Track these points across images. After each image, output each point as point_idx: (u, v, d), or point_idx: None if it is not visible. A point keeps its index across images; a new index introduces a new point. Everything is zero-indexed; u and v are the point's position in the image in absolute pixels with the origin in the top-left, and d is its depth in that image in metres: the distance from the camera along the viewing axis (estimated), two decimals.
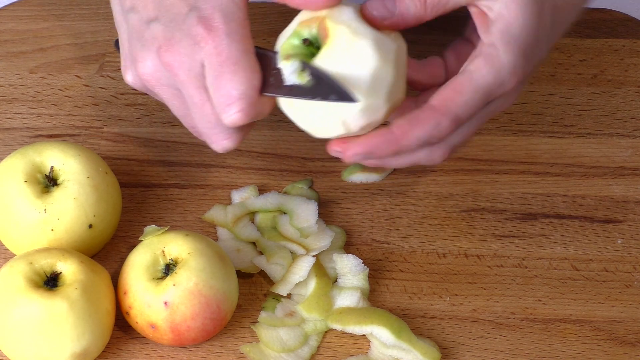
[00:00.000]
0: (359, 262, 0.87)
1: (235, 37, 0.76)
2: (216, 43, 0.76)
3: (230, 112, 0.76)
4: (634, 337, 0.85)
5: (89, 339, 0.79)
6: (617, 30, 1.04)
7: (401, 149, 0.75)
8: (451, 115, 0.75)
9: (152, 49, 0.77)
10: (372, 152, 0.76)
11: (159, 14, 0.78)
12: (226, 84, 0.76)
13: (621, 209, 0.92)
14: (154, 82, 0.78)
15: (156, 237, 0.83)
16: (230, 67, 0.75)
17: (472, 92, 0.75)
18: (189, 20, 0.76)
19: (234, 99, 0.76)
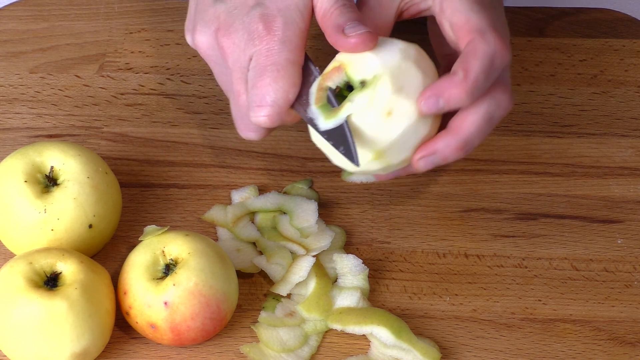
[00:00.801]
0: (359, 262, 0.87)
1: (289, 45, 0.78)
2: (269, 45, 0.78)
3: (258, 113, 0.78)
4: (634, 337, 0.85)
5: (89, 339, 0.79)
6: (617, 30, 1.04)
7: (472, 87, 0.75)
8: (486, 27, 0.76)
9: (211, 27, 0.80)
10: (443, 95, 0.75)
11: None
12: (264, 87, 0.78)
13: (621, 209, 0.92)
14: (206, 55, 0.82)
15: (156, 237, 0.83)
16: (273, 73, 0.78)
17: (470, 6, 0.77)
18: (252, 15, 0.79)
19: (265, 103, 0.78)
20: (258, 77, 0.78)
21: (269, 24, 0.78)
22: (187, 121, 0.97)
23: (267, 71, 0.78)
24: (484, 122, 0.77)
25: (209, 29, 0.81)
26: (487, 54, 0.75)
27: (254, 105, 0.78)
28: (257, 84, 0.78)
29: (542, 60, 1.02)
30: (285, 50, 0.78)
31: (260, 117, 0.78)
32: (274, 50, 0.78)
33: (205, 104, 0.98)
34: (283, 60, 0.78)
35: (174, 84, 1.00)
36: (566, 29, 1.04)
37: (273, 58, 0.78)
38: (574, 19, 1.05)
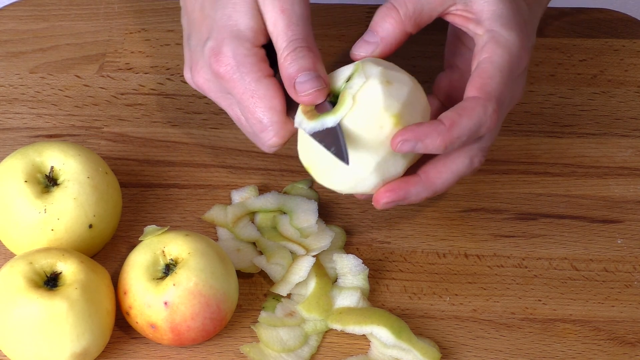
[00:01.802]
0: (359, 262, 0.87)
1: (244, 68, 0.79)
2: (229, 77, 0.80)
3: (265, 139, 0.81)
4: (634, 337, 0.85)
5: (89, 339, 0.79)
6: (617, 30, 1.04)
7: (452, 141, 0.76)
8: (494, 98, 0.77)
9: (188, 65, 0.84)
10: (423, 140, 0.76)
11: (191, 34, 0.83)
12: (253, 115, 0.80)
13: (621, 209, 0.92)
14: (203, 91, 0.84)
15: (156, 237, 0.83)
16: (250, 100, 0.80)
17: (499, 72, 0.77)
18: (205, 50, 0.81)
19: (264, 128, 0.81)
20: (244, 110, 0.81)
21: (219, 58, 0.80)
22: (187, 121, 0.97)
23: (244, 101, 0.80)
24: (455, 179, 0.80)
25: (188, 69, 0.84)
26: (479, 121, 0.77)
27: (258, 134, 0.81)
28: (247, 115, 0.81)
29: (541, 60, 1.02)
30: (244, 74, 0.80)
31: (269, 141, 0.81)
32: (235, 81, 0.80)
33: (205, 104, 0.98)
34: (248, 84, 0.80)
35: (174, 84, 1.00)
36: (566, 29, 1.04)
37: (240, 88, 0.80)
38: (573, 19, 1.05)
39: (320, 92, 0.78)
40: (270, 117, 0.80)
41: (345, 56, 1.02)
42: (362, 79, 0.78)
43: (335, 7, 1.05)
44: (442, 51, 0.88)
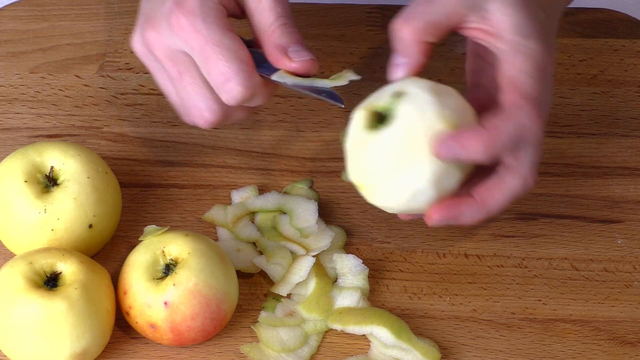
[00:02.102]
0: (359, 262, 0.87)
1: (210, 18, 0.79)
2: (192, 27, 0.78)
3: (229, 87, 0.79)
4: (634, 337, 0.85)
5: (89, 339, 0.79)
6: (617, 30, 1.04)
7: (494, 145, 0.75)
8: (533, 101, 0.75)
9: (141, 25, 0.82)
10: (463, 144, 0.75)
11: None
12: (217, 64, 0.79)
13: (621, 209, 0.92)
14: (140, 56, 0.82)
15: (156, 237, 0.83)
16: (215, 49, 0.78)
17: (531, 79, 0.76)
18: (167, 4, 0.79)
19: (229, 75, 0.79)
20: (206, 61, 0.79)
21: (185, 8, 0.79)
22: None
23: (207, 51, 0.78)
24: (509, 200, 0.77)
25: (138, 27, 0.82)
26: (521, 124, 0.75)
27: (221, 85, 0.79)
28: (209, 67, 0.79)
29: None
30: (210, 24, 0.78)
31: (233, 89, 0.79)
32: (200, 29, 0.78)
33: None
34: (214, 33, 0.78)
35: None
36: (566, 29, 1.04)
37: (203, 36, 0.78)
38: (574, 19, 1.05)
39: (314, 62, 0.80)
40: (237, 66, 0.78)
41: (345, 56, 1.02)
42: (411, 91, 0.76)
43: (335, 7, 1.05)
44: (444, 51, 0.88)
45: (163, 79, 0.83)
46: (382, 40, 1.03)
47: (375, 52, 1.02)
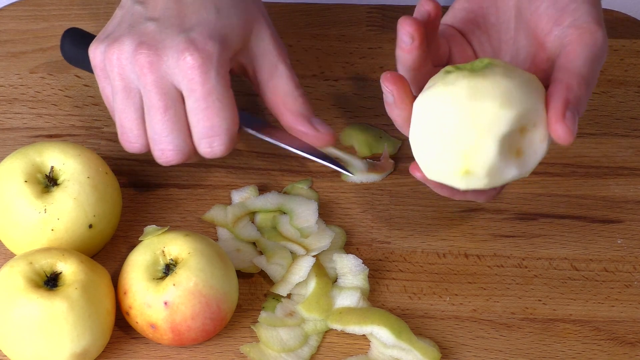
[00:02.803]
0: (359, 262, 0.87)
1: (222, 70, 0.80)
2: (205, 73, 0.79)
3: (213, 143, 0.81)
4: (634, 337, 0.85)
5: (89, 339, 0.79)
6: (617, 30, 1.04)
7: None
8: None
9: (135, 40, 0.80)
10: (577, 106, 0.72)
11: (162, 17, 0.80)
12: (211, 117, 0.80)
13: (621, 209, 0.92)
14: (117, 68, 0.81)
15: (156, 237, 0.83)
16: (216, 103, 0.80)
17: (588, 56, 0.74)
18: (180, 38, 0.80)
19: (219, 132, 0.81)
20: (200, 110, 0.80)
21: (203, 51, 0.79)
22: None
23: (208, 102, 0.80)
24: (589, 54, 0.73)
25: (132, 40, 0.80)
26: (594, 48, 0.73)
27: (205, 137, 0.81)
28: (202, 117, 0.80)
29: None
30: (221, 75, 0.80)
31: (216, 147, 0.81)
32: (211, 78, 0.79)
33: None
34: (220, 87, 0.80)
35: None
36: None
37: (211, 84, 0.79)
38: None
39: (333, 137, 0.85)
40: (228, 126, 0.81)
41: (345, 56, 1.02)
42: None
43: (335, 7, 1.05)
44: None
45: (128, 101, 0.82)
46: (382, 40, 1.03)
47: (375, 52, 1.02)
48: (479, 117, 0.71)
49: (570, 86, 0.72)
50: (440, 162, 0.73)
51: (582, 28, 0.74)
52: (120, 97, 0.82)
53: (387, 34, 1.03)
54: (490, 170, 0.72)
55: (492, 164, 0.71)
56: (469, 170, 0.72)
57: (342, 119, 0.97)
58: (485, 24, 0.80)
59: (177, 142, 0.82)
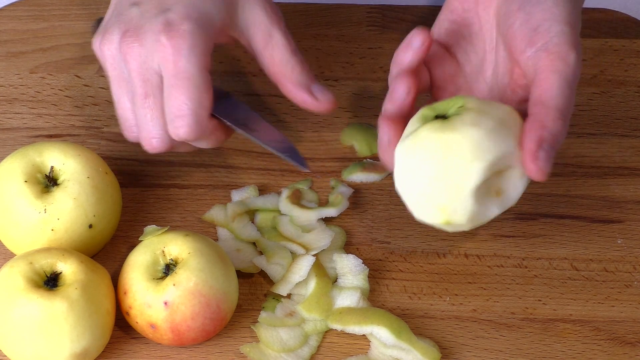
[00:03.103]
0: (359, 262, 0.87)
1: (196, 49, 0.78)
2: (177, 52, 0.78)
3: (177, 124, 0.79)
4: (634, 337, 0.85)
5: (89, 339, 0.79)
6: (617, 30, 1.04)
7: None
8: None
9: (121, 29, 0.80)
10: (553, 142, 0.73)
11: (143, 0, 0.79)
12: (178, 97, 0.79)
13: (621, 209, 0.92)
14: (107, 59, 0.82)
15: (156, 237, 0.83)
16: (184, 81, 0.78)
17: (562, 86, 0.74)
18: (159, 19, 0.79)
19: (184, 113, 0.79)
20: (171, 87, 0.79)
21: (175, 31, 0.78)
22: None
23: (177, 80, 0.78)
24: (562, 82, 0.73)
25: (119, 30, 0.81)
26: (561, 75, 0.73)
27: (172, 117, 0.79)
28: (171, 94, 0.79)
29: None
30: (193, 55, 0.78)
31: (180, 127, 0.79)
32: (181, 56, 0.78)
33: None
34: (191, 67, 0.78)
35: None
36: None
37: (181, 65, 0.78)
38: None
39: (334, 103, 0.83)
40: (194, 107, 0.79)
41: (345, 56, 1.02)
42: None
43: (335, 7, 1.05)
44: None
45: (121, 90, 0.83)
46: (382, 40, 1.03)
47: (375, 52, 1.02)
48: (451, 172, 0.73)
49: (544, 124, 0.72)
50: (423, 211, 0.75)
51: (553, 53, 0.74)
52: (115, 87, 0.83)
53: (387, 34, 1.03)
54: (471, 217, 0.74)
55: (471, 213, 0.74)
56: (449, 221, 0.74)
57: (342, 119, 0.97)
58: (470, 33, 0.80)
59: (158, 130, 0.81)
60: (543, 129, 0.72)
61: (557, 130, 0.72)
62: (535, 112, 0.73)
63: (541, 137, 0.72)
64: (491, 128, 0.72)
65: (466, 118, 0.73)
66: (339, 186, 0.92)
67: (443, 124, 0.73)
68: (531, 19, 0.75)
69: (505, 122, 0.73)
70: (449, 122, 0.73)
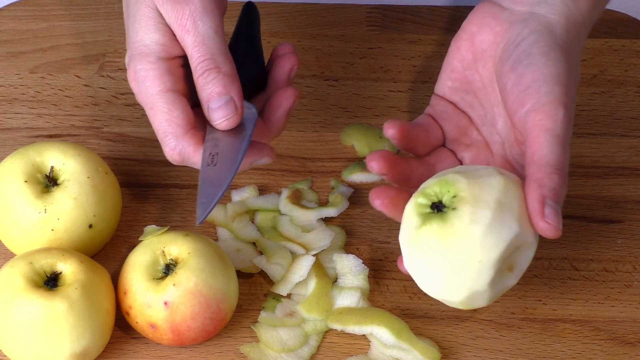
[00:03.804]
0: (359, 262, 0.87)
1: (148, 82, 0.80)
2: (136, 91, 0.80)
3: (165, 149, 0.80)
4: (634, 337, 0.85)
5: (89, 339, 0.79)
6: (617, 30, 1.04)
7: None
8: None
9: None
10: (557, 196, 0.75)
11: None
12: (154, 124, 0.80)
13: (621, 209, 0.92)
14: None
15: (156, 237, 0.83)
16: (151, 111, 0.79)
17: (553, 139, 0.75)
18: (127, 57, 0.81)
19: (162, 137, 0.79)
20: (150, 117, 0.80)
21: (129, 71, 0.80)
22: None
23: (147, 110, 0.80)
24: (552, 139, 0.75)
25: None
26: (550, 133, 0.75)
27: (161, 142, 0.80)
28: (152, 123, 0.80)
29: None
30: (147, 87, 0.79)
31: (167, 151, 0.80)
32: (139, 92, 0.79)
33: None
34: (149, 96, 0.79)
35: None
36: None
37: (142, 98, 0.79)
38: None
39: (232, 120, 0.78)
40: (166, 128, 0.79)
41: (345, 56, 1.02)
42: None
43: (335, 7, 1.05)
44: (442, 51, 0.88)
45: None
46: (382, 40, 1.03)
47: (375, 52, 1.02)
48: (465, 272, 0.74)
49: (542, 182, 0.74)
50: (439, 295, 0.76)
51: (541, 112, 0.75)
52: None
53: (387, 34, 1.03)
54: (491, 300, 0.76)
55: (491, 298, 0.75)
56: (469, 305, 0.76)
57: (342, 119, 0.97)
58: (473, 89, 0.82)
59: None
60: (542, 188, 0.74)
61: (555, 185, 0.74)
62: (530, 173, 0.75)
63: (542, 195, 0.74)
64: (490, 221, 0.73)
65: (463, 214, 0.73)
66: (339, 186, 0.92)
67: (443, 225, 0.74)
68: (522, 81, 0.77)
69: (502, 203, 0.74)
70: (448, 222, 0.74)
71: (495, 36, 0.79)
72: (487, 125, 0.82)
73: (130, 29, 0.80)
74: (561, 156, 0.75)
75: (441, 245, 0.74)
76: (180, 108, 0.79)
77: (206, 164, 0.78)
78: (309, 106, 0.98)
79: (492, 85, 0.80)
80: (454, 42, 0.82)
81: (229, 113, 0.78)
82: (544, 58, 0.76)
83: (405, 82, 1.00)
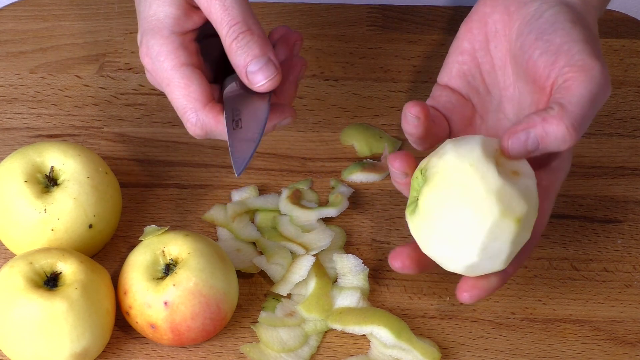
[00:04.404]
0: (359, 262, 0.87)
1: (161, 57, 0.79)
2: (150, 68, 0.79)
3: (186, 125, 0.79)
4: (634, 337, 0.85)
5: (89, 339, 0.79)
6: (617, 30, 1.04)
7: None
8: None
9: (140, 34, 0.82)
10: None
11: None
12: (173, 101, 0.79)
13: (621, 209, 0.92)
14: None
15: (156, 237, 0.83)
16: (167, 88, 0.79)
17: None
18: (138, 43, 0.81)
19: (182, 113, 0.79)
20: (167, 95, 0.80)
21: (142, 48, 0.80)
22: None
23: (164, 87, 0.79)
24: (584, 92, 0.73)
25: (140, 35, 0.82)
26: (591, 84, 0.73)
27: (181, 117, 0.79)
28: (170, 100, 0.79)
29: None
30: (162, 62, 0.79)
31: (188, 126, 0.79)
32: (155, 69, 0.79)
33: None
34: (164, 72, 0.79)
35: None
36: None
37: (158, 75, 0.79)
38: None
39: (274, 81, 0.77)
40: (185, 104, 0.78)
41: (345, 56, 1.02)
42: None
43: (335, 7, 1.05)
44: (442, 51, 0.88)
45: None
46: (382, 40, 1.03)
47: (375, 52, 1.02)
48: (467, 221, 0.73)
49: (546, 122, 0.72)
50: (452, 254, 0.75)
51: (577, 66, 0.73)
52: None
53: (387, 34, 1.03)
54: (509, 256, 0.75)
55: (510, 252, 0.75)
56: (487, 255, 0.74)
57: (342, 119, 0.97)
58: (481, 72, 0.80)
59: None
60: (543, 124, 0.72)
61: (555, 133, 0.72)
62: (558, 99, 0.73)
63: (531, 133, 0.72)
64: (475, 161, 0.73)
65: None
66: (339, 186, 0.92)
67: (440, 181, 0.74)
68: (551, 46, 0.74)
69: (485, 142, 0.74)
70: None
71: (510, 15, 0.77)
72: (492, 111, 0.80)
73: (143, 3, 0.79)
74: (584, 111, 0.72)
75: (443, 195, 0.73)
76: (197, 82, 0.78)
77: (232, 129, 0.78)
78: (309, 106, 0.98)
79: (503, 68, 0.79)
80: (464, 24, 0.80)
81: (270, 74, 0.77)
82: (570, 24, 0.75)
83: (405, 82, 1.00)
